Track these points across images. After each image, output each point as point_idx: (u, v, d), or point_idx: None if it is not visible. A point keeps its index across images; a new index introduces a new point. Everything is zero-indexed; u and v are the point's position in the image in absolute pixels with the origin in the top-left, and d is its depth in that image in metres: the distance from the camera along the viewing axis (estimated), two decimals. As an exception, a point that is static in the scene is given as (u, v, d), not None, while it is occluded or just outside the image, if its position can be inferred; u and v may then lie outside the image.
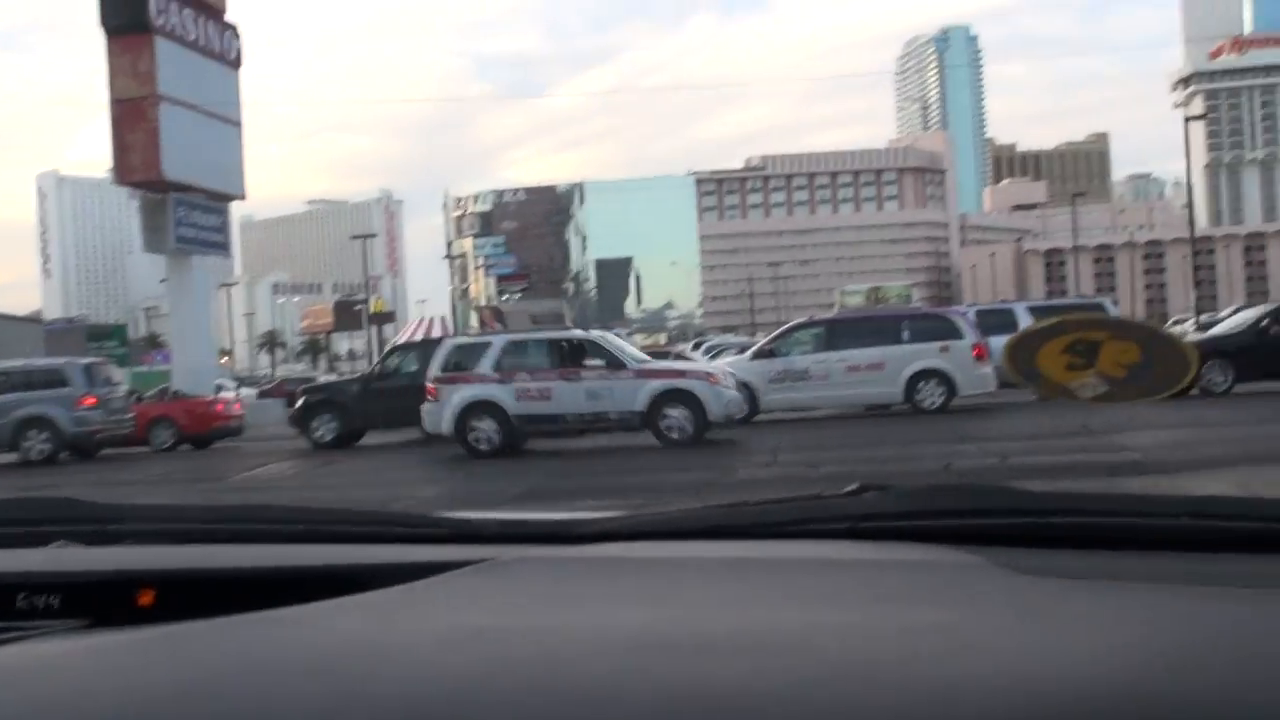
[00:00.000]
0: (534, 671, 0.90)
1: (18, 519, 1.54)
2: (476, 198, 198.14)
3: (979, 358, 20.09)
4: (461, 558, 1.24)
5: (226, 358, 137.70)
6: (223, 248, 40.58)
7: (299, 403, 21.94)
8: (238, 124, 41.03)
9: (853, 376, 20.10)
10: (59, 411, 21.17)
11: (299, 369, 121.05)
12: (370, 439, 22.10)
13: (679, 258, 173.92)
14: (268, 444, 23.70)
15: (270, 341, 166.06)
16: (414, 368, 21.89)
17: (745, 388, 20.25)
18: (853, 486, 1.37)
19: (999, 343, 20.40)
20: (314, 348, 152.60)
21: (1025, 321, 22.83)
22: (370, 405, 21.37)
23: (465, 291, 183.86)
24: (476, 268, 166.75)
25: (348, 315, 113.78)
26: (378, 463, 18.46)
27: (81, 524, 1.46)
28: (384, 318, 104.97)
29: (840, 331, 20.90)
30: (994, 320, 22.86)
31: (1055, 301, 32.03)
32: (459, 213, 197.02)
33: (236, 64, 40.99)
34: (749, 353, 21.63)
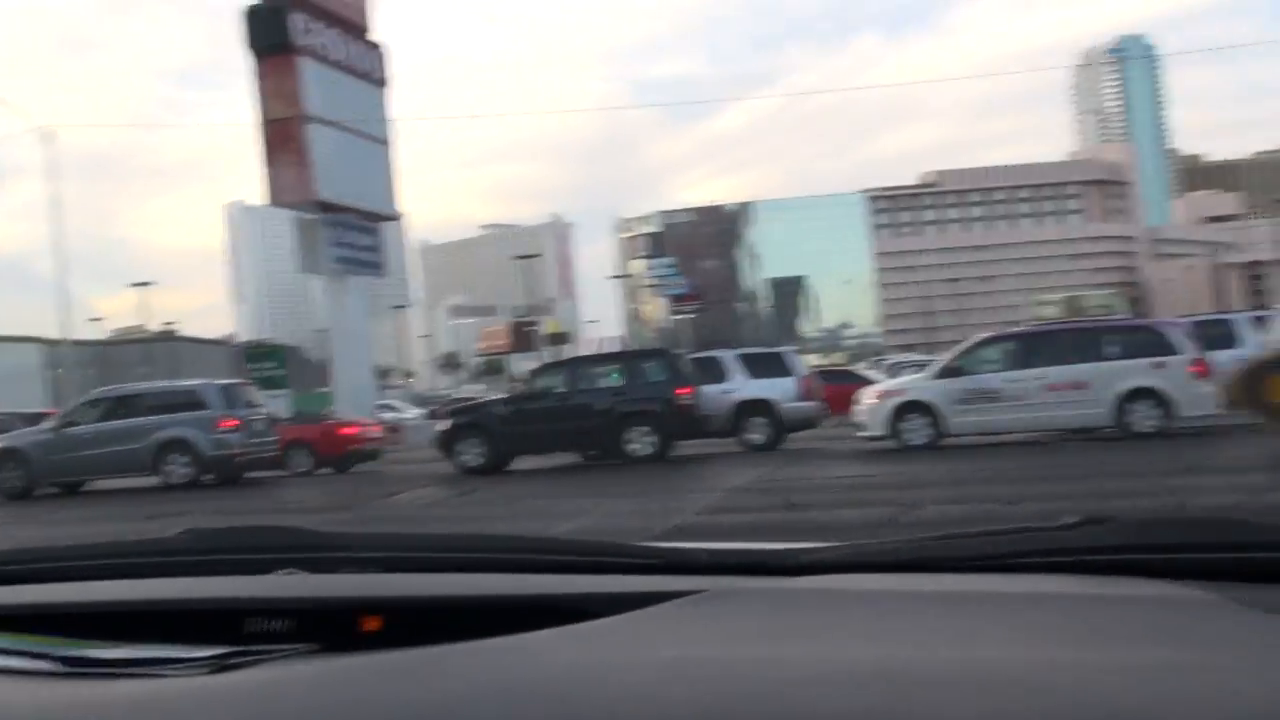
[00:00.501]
0: (757, 705, 0.89)
1: (244, 546, 1.54)
2: (645, 219, 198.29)
3: (1199, 375, 17.56)
4: (675, 588, 1.23)
5: (410, 379, 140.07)
6: (377, 268, 39.91)
7: (444, 425, 20.58)
8: (386, 143, 40.44)
9: (1052, 396, 17.77)
10: (197, 434, 20.22)
11: (478, 389, 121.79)
12: (521, 463, 20.64)
13: (852, 276, 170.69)
14: (413, 468, 22.39)
15: (450, 363, 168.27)
16: (563, 389, 20.35)
17: (926, 410, 18.17)
18: (1073, 518, 1.34)
19: (1219, 359, 18.13)
20: (493, 369, 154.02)
21: (1246, 334, 20.21)
22: (519, 427, 19.90)
23: (638, 312, 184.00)
24: (646, 286, 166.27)
25: (523, 336, 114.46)
26: (522, 490, 16.86)
27: (305, 551, 1.47)
28: (559, 339, 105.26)
29: (1036, 345, 18.47)
30: (1212, 333, 20.16)
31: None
32: (628, 234, 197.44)
33: (383, 83, 40.47)
34: (929, 370, 19.45)
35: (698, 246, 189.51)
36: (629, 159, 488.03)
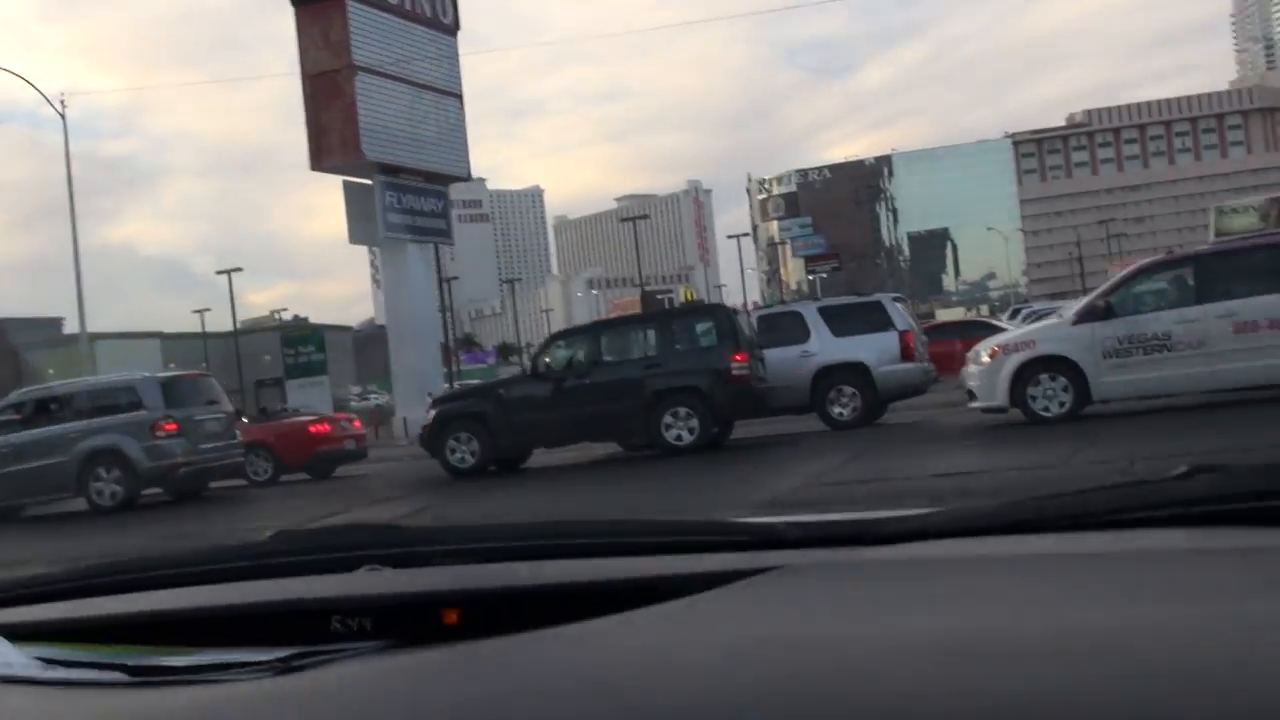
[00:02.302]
0: (823, 682, 0.87)
1: (331, 545, 1.54)
2: (780, 179, 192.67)
3: None
4: (760, 565, 1.20)
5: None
6: (444, 235, 35.62)
7: (430, 415, 16.08)
8: (457, 96, 36.04)
9: (1245, 341, 12.52)
10: (129, 442, 16.05)
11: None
12: (540, 459, 16.11)
13: (997, 225, 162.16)
14: (409, 466, 17.97)
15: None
16: (583, 363, 15.62)
17: (1063, 368, 13.04)
18: (1181, 469, 1.26)
19: None
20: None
21: None
22: (525, 415, 15.31)
23: (775, 274, 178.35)
24: (779, 243, 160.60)
25: (654, 306, 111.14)
26: (494, 504, 12.24)
27: (389, 548, 1.46)
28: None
29: (1222, 270, 13.00)
30: None
31: None
32: (763, 196, 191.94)
33: (452, 30, 35.99)
34: (1071, 312, 14.17)
35: (835, 204, 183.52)
36: (772, 124, 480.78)
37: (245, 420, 19.67)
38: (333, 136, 32.25)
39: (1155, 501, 1.22)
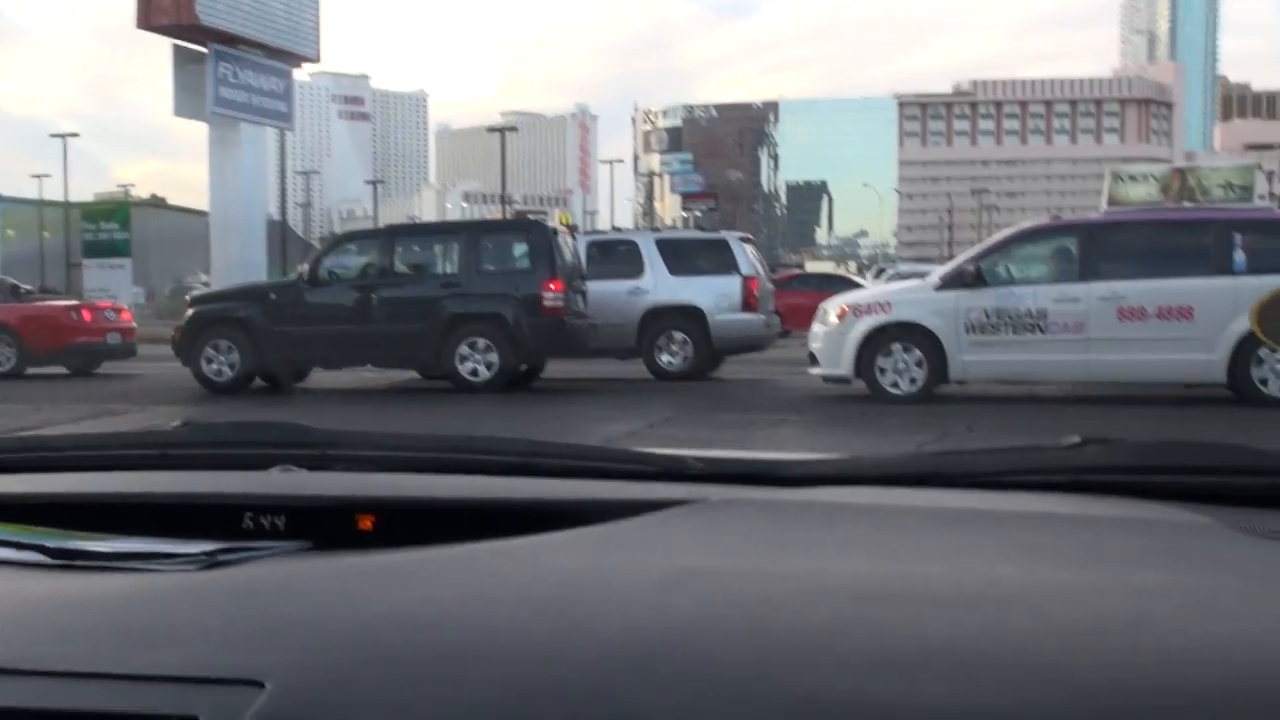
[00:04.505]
0: (750, 615, 0.90)
1: (242, 441, 1.54)
2: (665, 112, 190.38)
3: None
4: (672, 496, 1.22)
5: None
6: (284, 118, 32.60)
7: (185, 319, 13.67)
8: (310, -36, 32.93)
9: (1131, 329, 10.81)
10: None
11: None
12: (319, 378, 13.90)
13: (874, 184, 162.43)
14: (180, 369, 15.54)
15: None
16: (373, 273, 13.36)
17: (919, 338, 11.21)
18: (1075, 439, 1.32)
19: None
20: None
21: None
22: (300, 328, 13.03)
23: (651, 208, 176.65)
24: (656, 175, 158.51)
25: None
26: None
27: (303, 448, 1.45)
28: (570, 231, 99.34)
29: (1110, 245, 11.25)
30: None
31: None
32: (647, 127, 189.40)
33: (310, -119, 32.74)
34: (936, 274, 12.36)
35: (718, 144, 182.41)
36: (667, 56, 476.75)
37: None
38: (163, -8, 29.01)
39: (1048, 466, 1.28)
